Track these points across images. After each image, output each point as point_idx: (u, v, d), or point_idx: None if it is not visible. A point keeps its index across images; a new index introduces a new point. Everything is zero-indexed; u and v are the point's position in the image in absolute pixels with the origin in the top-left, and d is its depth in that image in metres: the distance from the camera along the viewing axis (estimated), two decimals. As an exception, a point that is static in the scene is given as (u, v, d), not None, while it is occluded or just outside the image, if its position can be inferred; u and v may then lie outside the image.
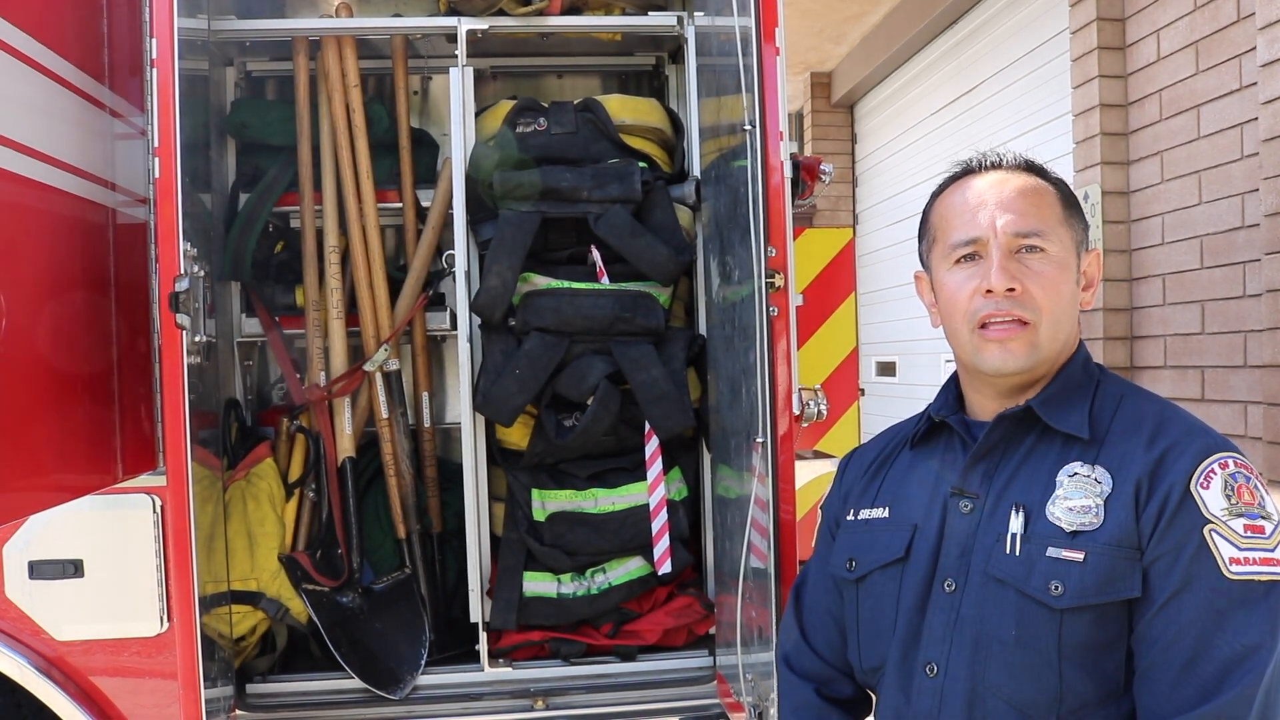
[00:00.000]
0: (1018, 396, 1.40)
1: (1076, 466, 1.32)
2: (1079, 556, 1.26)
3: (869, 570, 1.46)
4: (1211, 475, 1.25)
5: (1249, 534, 1.23)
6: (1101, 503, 1.27)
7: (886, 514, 1.48)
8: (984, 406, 1.45)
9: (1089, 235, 1.45)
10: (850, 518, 1.54)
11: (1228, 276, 3.58)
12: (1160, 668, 1.22)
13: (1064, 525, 1.28)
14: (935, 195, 1.51)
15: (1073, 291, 1.39)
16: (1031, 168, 1.43)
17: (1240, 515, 1.24)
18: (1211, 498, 1.24)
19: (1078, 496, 1.29)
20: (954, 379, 1.54)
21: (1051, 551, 1.27)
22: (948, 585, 1.36)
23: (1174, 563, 1.23)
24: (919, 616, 1.38)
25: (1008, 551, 1.31)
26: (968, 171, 1.46)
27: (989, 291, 1.35)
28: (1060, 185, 1.43)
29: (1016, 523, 1.31)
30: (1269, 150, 3.27)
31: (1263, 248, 3.34)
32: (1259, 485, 1.27)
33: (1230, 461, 1.27)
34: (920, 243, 1.53)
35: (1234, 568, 1.22)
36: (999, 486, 1.36)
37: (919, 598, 1.38)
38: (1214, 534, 1.23)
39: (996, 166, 1.43)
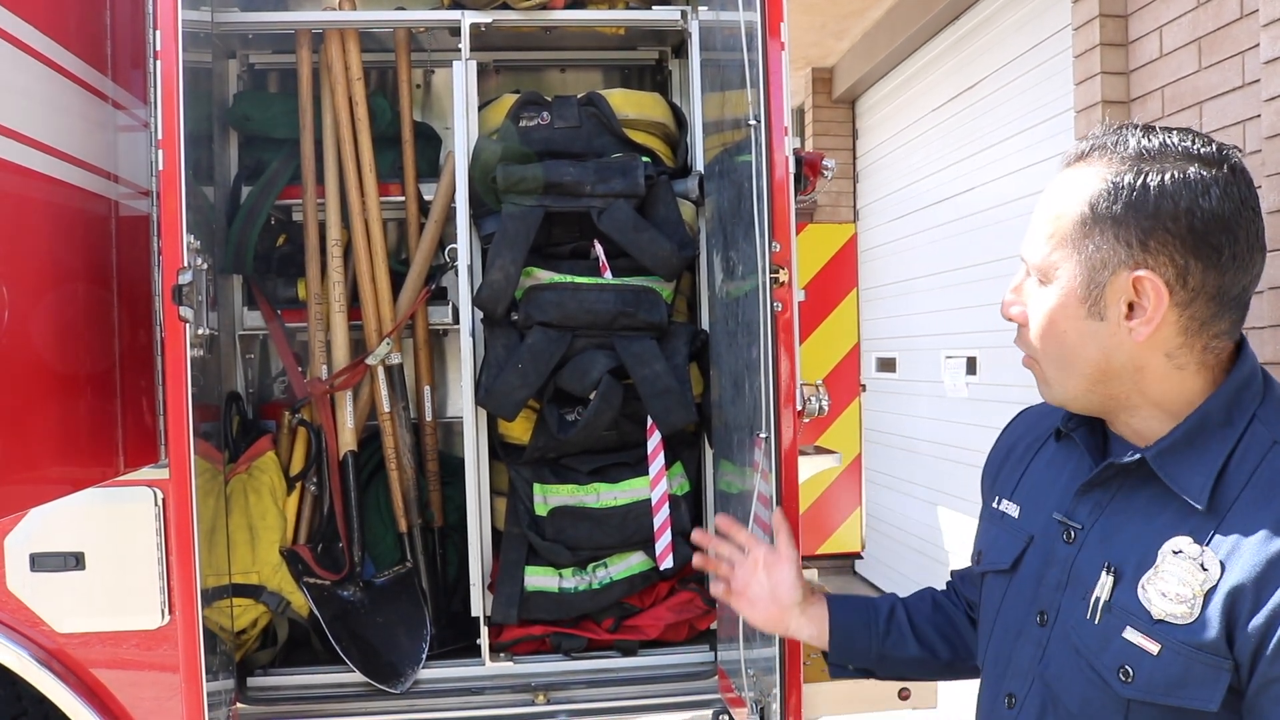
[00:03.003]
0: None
1: (1184, 543, 1.09)
2: (1154, 649, 1.08)
3: (986, 571, 1.37)
4: None
5: None
6: (1202, 594, 1.06)
7: (1016, 514, 1.34)
8: None
9: (1148, 250, 1.10)
10: (994, 505, 1.40)
11: (1229, 274, 3.58)
12: None
13: (1152, 609, 1.09)
14: None
15: (1085, 329, 1.15)
16: (1104, 155, 1.14)
17: None
18: None
19: (1175, 581, 1.08)
20: None
21: (1128, 633, 1.11)
22: (1040, 618, 1.23)
23: None
24: (1013, 640, 1.27)
25: (1087, 616, 1.15)
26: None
27: None
28: (1117, 185, 1.11)
29: (1104, 586, 1.14)
30: (1271, 148, 3.27)
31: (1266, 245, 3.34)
32: None
33: None
34: None
35: None
36: (1103, 531, 1.18)
37: (1017, 619, 1.27)
38: None
39: (1070, 159, 1.19)
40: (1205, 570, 1.06)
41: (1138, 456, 1.15)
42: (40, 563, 2.31)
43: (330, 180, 2.72)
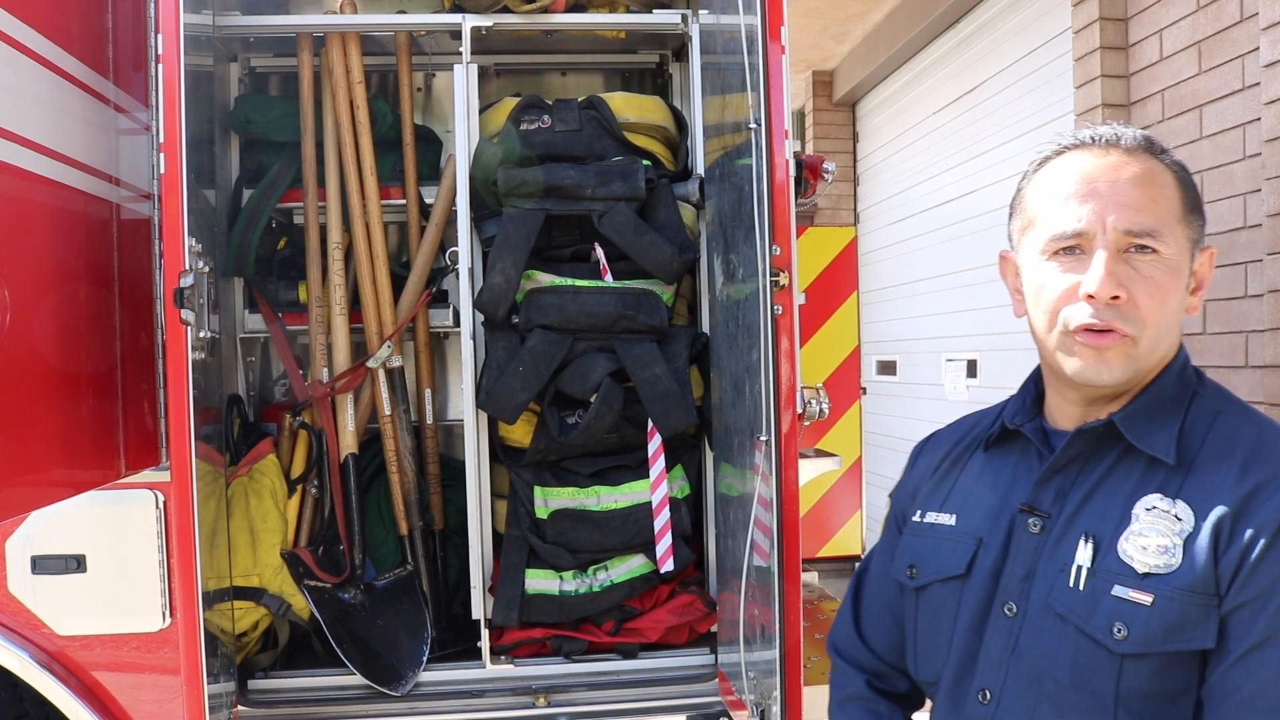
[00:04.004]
0: (1104, 407, 1.26)
1: (1156, 499, 1.17)
2: (1147, 600, 1.13)
3: (929, 581, 1.36)
4: None
5: None
6: (1180, 543, 1.13)
7: (953, 522, 1.36)
8: (1065, 413, 1.31)
9: (1204, 231, 1.25)
10: (917, 519, 1.43)
11: (1229, 276, 3.57)
12: None
13: (1135, 565, 1.15)
14: (1035, 168, 1.33)
15: (1182, 299, 1.23)
16: (1152, 149, 1.24)
17: None
18: None
19: (1154, 534, 1.15)
20: (1033, 379, 1.40)
21: (1118, 590, 1.15)
22: (1008, 609, 1.25)
23: (1257, 613, 1.09)
24: (976, 639, 1.28)
25: (1071, 584, 1.19)
26: (1078, 145, 1.27)
27: (1090, 297, 1.19)
28: (1183, 173, 1.25)
29: (1084, 554, 1.19)
30: (1271, 150, 3.27)
31: (1265, 248, 3.34)
32: None
33: None
34: (1011, 220, 1.37)
35: None
36: (1071, 509, 1.23)
37: (977, 618, 1.28)
38: None
39: (1113, 146, 1.24)
40: (1180, 520, 1.15)
41: (1107, 420, 1.23)
42: (41, 565, 2.31)
43: (331, 183, 2.73)
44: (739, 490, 2.29)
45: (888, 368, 6.33)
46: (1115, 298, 1.18)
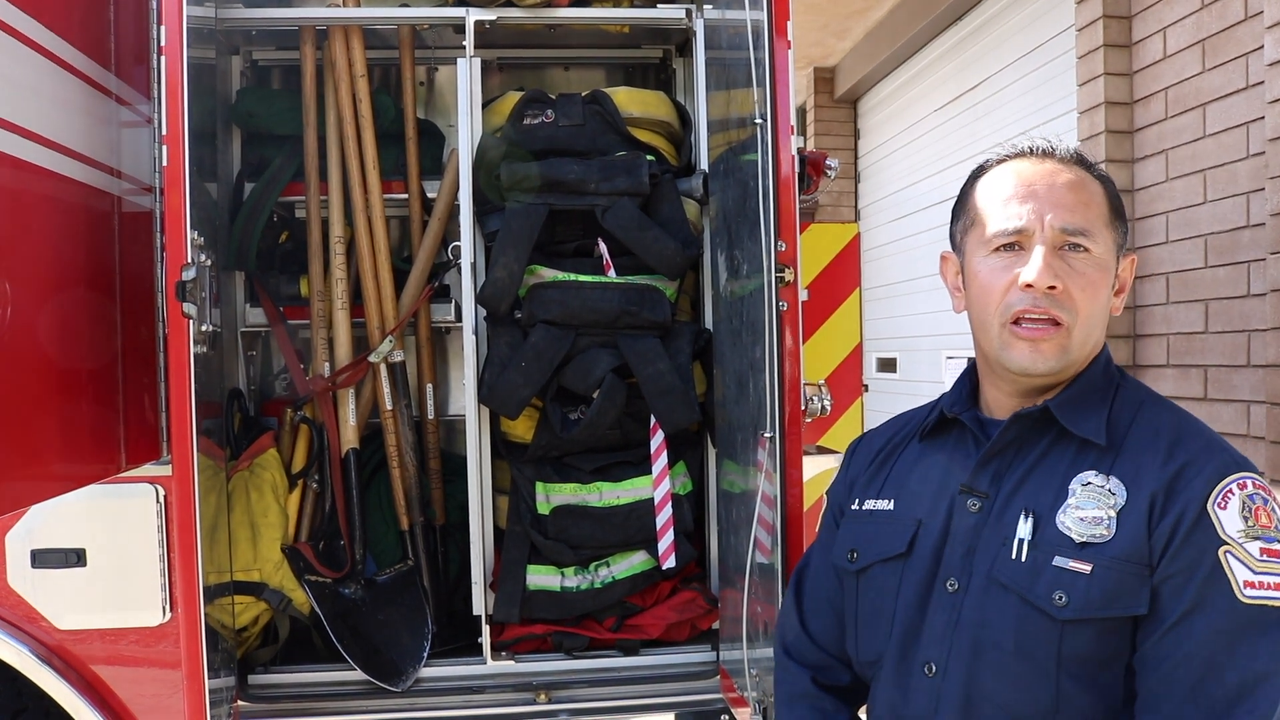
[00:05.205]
0: (1036, 397, 1.36)
1: (1090, 475, 1.28)
2: (1086, 568, 1.23)
3: (870, 563, 1.43)
4: (1229, 495, 1.21)
5: (1265, 558, 1.19)
6: (1114, 515, 1.24)
7: (891, 506, 1.45)
8: (1000, 403, 1.41)
9: (1128, 239, 1.39)
10: (855, 507, 1.51)
11: (1232, 275, 3.57)
12: (1166, 688, 1.19)
13: (1073, 535, 1.25)
14: (977, 175, 1.45)
15: (1109, 296, 1.35)
16: (1083, 162, 1.38)
17: (1257, 538, 1.20)
18: (1228, 518, 1.20)
19: (1090, 507, 1.26)
20: (968, 373, 1.49)
21: (1058, 560, 1.24)
22: (950, 584, 1.33)
23: (1186, 583, 1.20)
24: (919, 614, 1.35)
25: (1013, 557, 1.28)
26: (1018, 155, 1.40)
27: (1028, 286, 1.29)
28: (1109, 184, 1.38)
29: (1025, 528, 1.28)
30: (1275, 149, 3.26)
31: (1268, 247, 3.33)
32: (1277, 509, 1.23)
33: (1249, 482, 1.23)
34: (954, 223, 1.48)
35: (1248, 591, 1.18)
36: (1009, 488, 1.33)
37: (919, 595, 1.36)
38: (1229, 555, 1.19)
39: (1049, 155, 1.37)
40: (1113, 494, 1.26)
41: (1042, 407, 1.33)
42: (41, 559, 2.30)
43: (333, 177, 2.72)
44: (741, 487, 2.29)
45: (888, 365, 6.33)
46: (1052, 288, 1.29)
